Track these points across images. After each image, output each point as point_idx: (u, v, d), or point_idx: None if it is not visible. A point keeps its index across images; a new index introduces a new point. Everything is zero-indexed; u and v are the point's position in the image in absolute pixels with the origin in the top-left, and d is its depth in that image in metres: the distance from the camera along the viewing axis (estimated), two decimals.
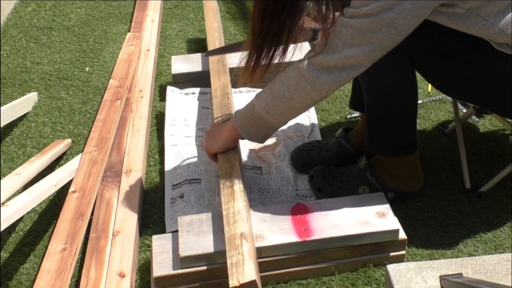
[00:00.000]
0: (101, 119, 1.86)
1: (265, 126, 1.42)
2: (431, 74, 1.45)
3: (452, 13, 1.26)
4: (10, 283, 1.43)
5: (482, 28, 1.26)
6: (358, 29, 1.23)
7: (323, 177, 1.61)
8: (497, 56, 1.31)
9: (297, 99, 1.34)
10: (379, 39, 1.23)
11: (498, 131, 1.86)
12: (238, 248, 1.22)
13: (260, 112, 1.39)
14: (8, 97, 2.18)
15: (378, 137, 1.54)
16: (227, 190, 1.39)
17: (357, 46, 1.25)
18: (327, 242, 1.35)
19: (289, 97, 1.34)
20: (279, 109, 1.38)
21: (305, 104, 1.37)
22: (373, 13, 1.21)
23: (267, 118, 1.40)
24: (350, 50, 1.25)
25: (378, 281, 1.37)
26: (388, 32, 1.23)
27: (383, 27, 1.22)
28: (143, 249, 1.50)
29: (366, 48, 1.25)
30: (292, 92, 1.33)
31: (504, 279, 1.19)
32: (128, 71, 2.14)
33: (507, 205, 1.57)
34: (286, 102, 1.36)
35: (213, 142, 1.53)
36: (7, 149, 1.90)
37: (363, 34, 1.23)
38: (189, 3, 2.90)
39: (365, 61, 1.27)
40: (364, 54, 1.26)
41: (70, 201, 1.52)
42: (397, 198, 1.56)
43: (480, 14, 1.25)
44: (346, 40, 1.25)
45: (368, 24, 1.22)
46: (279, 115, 1.39)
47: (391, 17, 1.21)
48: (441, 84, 1.47)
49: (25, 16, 2.81)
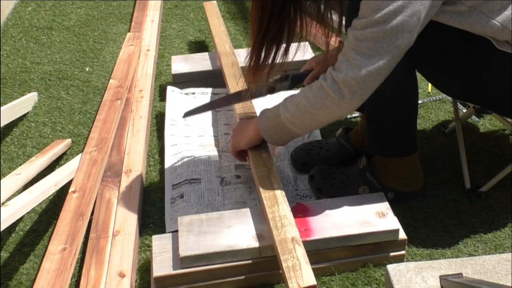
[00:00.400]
0: (101, 119, 1.86)
1: (288, 134, 1.44)
2: (432, 74, 1.45)
3: (454, 11, 1.26)
4: (10, 283, 1.43)
5: (485, 26, 1.26)
6: (374, 39, 1.21)
7: (323, 177, 1.61)
8: (497, 55, 1.31)
9: (323, 116, 1.34)
10: (396, 45, 1.21)
11: (498, 131, 1.86)
12: (292, 252, 1.23)
13: (285, 121, 1.40)
14: (8, 97, 2.18)
15: (378, 137, 1.54)
16: (268, 194, 1.39)
17: (376, 57, 1.22)
18: (327, 242, 1.35)
19: (315, 114, 1.34)
20: (304, 123, 1.39)
21: (330, 120, 1.37)
22: (386, 20, 1.19)
23: (291, 128, 1.41)
24: (369, 62, 1.23)
25: (378, 281, 1.37)
26: (403, 37, 1.21)
27: (398, 32, 1.20)
28: (143, 249, 1.50)
29: (386, 56, 1.22)
30: (317, 110, 1.33)
31: (504, 279, 1.19)
32: (128, 71, 2.14)
33: (507, 205, 1.57)
34: (311, 118, 1.36)
35: (240, 139, 1.55)
36: (7, 149, 1.90)
37: (380, 43, 1.21)
38: (189, 3, 2.90)
39: (385, 70, 1.25)
40: (383, 64, 1.23)
41: (70, 201, 1.52)
42: (397, 198, 1.56)
43: (483, 11, 1.25)
44: (364, 53, 1.23)
45: (383, 32, 1.20)
46: (303, 127, 1.41)
47: (404, 20, 1.19)
48: (441, 84, 1.47)
49: (25, 16, 2.81)
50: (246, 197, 1.59)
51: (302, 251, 1.23)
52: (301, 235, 1.33)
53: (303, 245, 1.27)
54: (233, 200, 1.59)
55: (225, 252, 1.31)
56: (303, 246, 1.26)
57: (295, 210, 1.40)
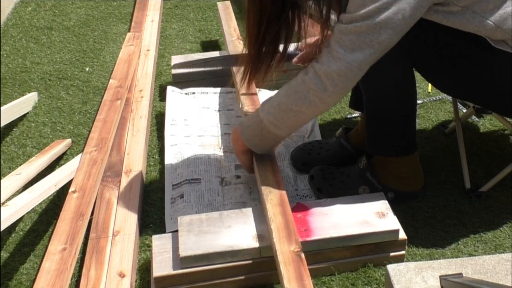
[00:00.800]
0: (101, 119, 1.86)
1: (273, 138, 1.44)
2: (431, 73, 1.45)
3: (447, 11, 1.27)
4: (10, 283, 1.43)
5: (478, 25, 1.27)
6: (357, 33, 1.23)
7: (323, 177, 1.61)
8: (497, 55, 1.31)
9: (306, 112, 1.35)
10: (379, 41, 1.23)
11: (498, 131, 1.86)
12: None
13: (269, 125, 1.40)
14: (8, 97, 2.18)
15: (378, 137, 1.54)
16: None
17: (358, 51, 1.24)
18: (327, 242, 1.35)
19: (298, 111, 1.35)
20: (288, 122, 1.38)
21: (313, 115, 1.39)
22: (370, 15, 1.21)
23: (275, 131, 1.41)
24: (351, 55, 1.25)
25: (378, 281, 1.37)
26: (386, 33, 1.23)
27: (381, 28, 1.22)
28: (143, 249, 1.50)
29: (367, 51, 1.25)
30: (300, 106, 1.33)
31: (504, 279, 1.19)
32: (128, 71, 2.14)
33: (507, 205, 1.57)
34: (295, 115, 1.36)
35: (239, 158, 1.56)
36: (7, 149, 1.90)
37: (362, 38, 1.23)
38: (189, 3, 2.90)
39: (366, 64, 1.27)
40: (365, 58, 1.25)
41: (70, 201, 1.52)
42: (397, 198, 1.56)
43: (475, 11, 1.26)
44: (346, 46, 1.25)
45: (366, 27, 1.22)
46: (287, 127, 1.41)
47: (388, 17, 1.21)
48: (441, 84, 1.47)
49: (25, 16, 2.81)
50: (246, 197, 1.59)
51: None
52: (301, 235, 1.33)
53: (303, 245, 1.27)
54: (233, 200, 1.59)
55: (225, 252, 1.31)
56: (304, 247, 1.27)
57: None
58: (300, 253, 1.24)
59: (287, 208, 1.36)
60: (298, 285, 1.17)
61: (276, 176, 1.46)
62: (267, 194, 1.40)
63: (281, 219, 1.33)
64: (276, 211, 1.35)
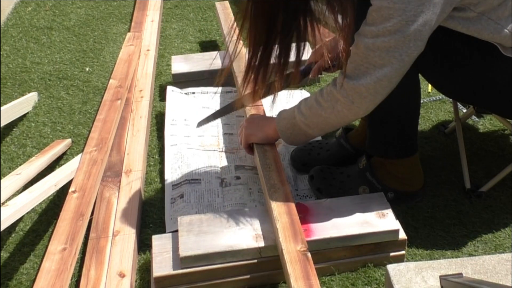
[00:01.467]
0: (101, 119, 1.86)
1: (304, 135, 1.45)
2: (433, 76, 1.45)
3: (463, 17, 1.25)
4: (10, 283, 1.43)
5: (493, 32, 1.26)
6: (386, 49, 1.19)
7: (323, 177, 1.61)
8: (498, 58, 1.30)
9: (335, 119, 1.35)
10: (408, 54, 1.20)
11: (498, 131, 1.86)
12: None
13: (300, 124, 1.41)
14: (8, 97, 2.18)
15: (379, 138, 1.54)
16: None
17: (388, 66, 1.22)
18: (327, 242, 1.35)
19: (327, 117, 1.35)
20: (318, 125, 1.40)
21: (343, 122, 1.38)
22: (398, 29, 1.17)
23: (307, 130, 1.42)
24: (381, 71, 1.22)
25: (378, 281, 1.37)
26: (416, 46, 1.20)
27: (411, 41, 1.18)
28: (143, 249, 1.50)
29: (397, 65, 1.22)
30: (329, 114, 1.34)
31: (504, 279, 1.19)
32: (128, 71, 2.14)
33: (507, 205, 1.57)
34: (324, 121, 1.37)
35: (256, 132, 1.55)
36: (7, 149, 1.90)
37: (392, 53, 1.20)
38: (189, 3, 2.90)
39: (396, 77, 1.25)
40: (395, 72, 1.23)
41: (70, 201, 1.52)
42: (397, 198, 1.56)
43: (491, 18, 1.25)
44: (376, 62, 1.22)
45: (395, 42, 1.18)
46: (318, 129, 1.41)
47: (417, 30, 1.17)
48: (443, 86, 1.47)
49: (25, 16, 2.81)
50: (246, 198, 1.59)
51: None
52: None
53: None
54: (233, 201, 1.59)
55: (225, 252, 1.31)
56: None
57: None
58: (306, 253, 1.24)
59: (292, 207, 1.36)
60: (305, 284, 1.17)
61: (281, 175, 1.46)
62: (272, 193, 1.40)
63: (287, 219, 1.33)
64: (282, 211, 1.35)
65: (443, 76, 1.41)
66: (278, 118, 1.49)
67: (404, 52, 1.20)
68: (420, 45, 1.21)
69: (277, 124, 1.48)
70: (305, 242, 1.27)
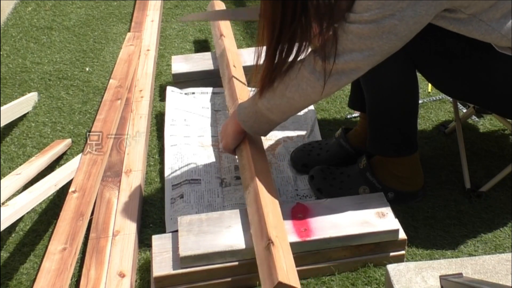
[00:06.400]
0: (101, 119, 1.86)
1: (267, 122, 1.44)
2: (432, 74, 1.45)
3: (454, 18, 1.26)
4: (10, 283, 1.43)
5: (484, 33, 1.26)
6: (359, 35, 1.23)
7: (323, 177, 1.61)
8: (498, 57, 1.31)
9: (298, 99, 1.35)
10: (379, 45, 1.23)
11: (498, 131, 1.86)
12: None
13: (262, 109, 1.40)
14: (8, 97, 2.18)
15: (379, 137, 1.54)
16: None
17: (357, 51, 1.24)
18: (327, 242, 1.35)
19: (290, 97, 1.35)
20: (281, 108, 1.39)
21: (305, 103, 1.39)
22: (374, 20, 1.20)
23: (269, 115, 1.41)
24: (350, 55, 1.25)
25: (378, 281, 1.37)
26: (388, 38, 1.22)
27: (384, 33, 1.21)
28: (143, 249, 1.50)
29: (366, 53, 1.24)
30: (293, 92, 1.34)
31: (504, 279, 1.19)
32: (128, 71, 2.14)
33: (507, 205, 1.57)
34: (287, 102, 1.37)
35: (227, 138, 1.55)
36: (7, 149, 1.90)
37: (363, 40, 1.23)
38: (189, 3, 2.90)
39: (364, 65, 1.27)
40: (363, 59, 1.25)
41: (70, 201, 1.52)
42: (397, 198, 1.56)
43: (483, 19, 1.25)
44: (346, 45, 1.25)
45: (368, 30, 1.21)
46: (280, 112, 1.41)
47: (392, 23, 1.20)
48: (442, 85, 1.47)
49: (25, 16, 2.81)
50: None
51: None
52: (301, 235, 1.33)
53: (303, 245, 1.27)
54: (233, 202, 1.59)
55: (225, 252, 1.31)
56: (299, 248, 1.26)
57: (295, 210, 1.40)
58: (270, 246, 1.22)
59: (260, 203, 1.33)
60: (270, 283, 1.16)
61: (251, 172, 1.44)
62: (247, 196, 1.40)
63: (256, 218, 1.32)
64: (253, 211, 1.34)
65: (442, 73, 1.41)
66: (239, 109, 1.48)
67: (375, 42, 1.22)
68: (393, 39, 1.22)
69: (238, 115, 1.47)
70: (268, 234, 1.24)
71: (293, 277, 1.17)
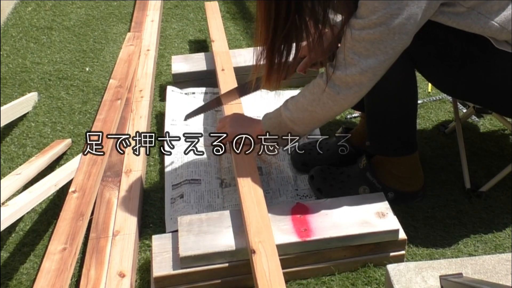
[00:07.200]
0: (101, 119, 1.86)
1: (290, 133, 1.45)
2: (431, 73, 1.45)
3: (453, 12, 1.26)
4: (10, 283, 1.43)
5: (483, 26, 1.27)
6: (371, 41, 1.23)
7: (323, 177, 1.61)
8: (497, 55, 1.31)
9: (320, 113, 1.36)
10: (393, 46, 1.23)
11: (498, 131, 1.86)
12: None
13: (286, 121, 1.42)
14: (8, 97, 2.18)
15: (378, 137, 1.54)
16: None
17: (372, 57, 1.25)
18: (327, 242, 1.35)
19: (312, 111, 1.37)
20: (304, 121, 1.40)
21: (328, 116, 1.39)
22: (383, 22, 1.20)
23: (293, 127, 1.42)
24: (366, 62, 1.25)
25: (378, 281, 1.37)
26: (400, 39, 1.23)
27: (395, 34, 1.21)
28: (143, 249, 1.50)
29: (381, 57, 1.25)
30: (315, 107, 1.35)
31: (504, 279, 1.19)
32: (128, 71, 2.14)
33: (507, 205, 1.57)
34: (310, 115, 1.38)
35: (238, 130, 1.54)
36: (7, 149, 1.90)
37: (377, 45, 1.23)
38: (189, 3, 2.91)
39: (381, 70, 1.28)
40: (380, 64, 1.26)
41: (70, 201, 1.52)
42: (397, 198, 1.56)
43: (481, 12, 1.26)
44: (361, 53, 1.25)
45: (379, 34, 1.22)
46: (304, 125, 1.42)
47: (401, 23, 1.20)
48: (441, 83, 1.47)
49: (25, 16, 2.81)
50: None
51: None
52: (301, 235, 1.33)
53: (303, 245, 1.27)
54: (233, 202, 1.59)
55: (225, 252, 1.31)
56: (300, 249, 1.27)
57: (295, 210, 1.40)
58: (252, 255, 1.24)
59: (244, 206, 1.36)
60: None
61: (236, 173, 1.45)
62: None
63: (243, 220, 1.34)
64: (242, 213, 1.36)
65: (440, 72, 1.41)
66: (264, 119, 1.49)
67: (389, 44, 1.23)
68: (404, 39, 1.23)
69: (263, 124, 1.48)
70: (250, 244, 1.26)
71: (276, 280, 1.18)
